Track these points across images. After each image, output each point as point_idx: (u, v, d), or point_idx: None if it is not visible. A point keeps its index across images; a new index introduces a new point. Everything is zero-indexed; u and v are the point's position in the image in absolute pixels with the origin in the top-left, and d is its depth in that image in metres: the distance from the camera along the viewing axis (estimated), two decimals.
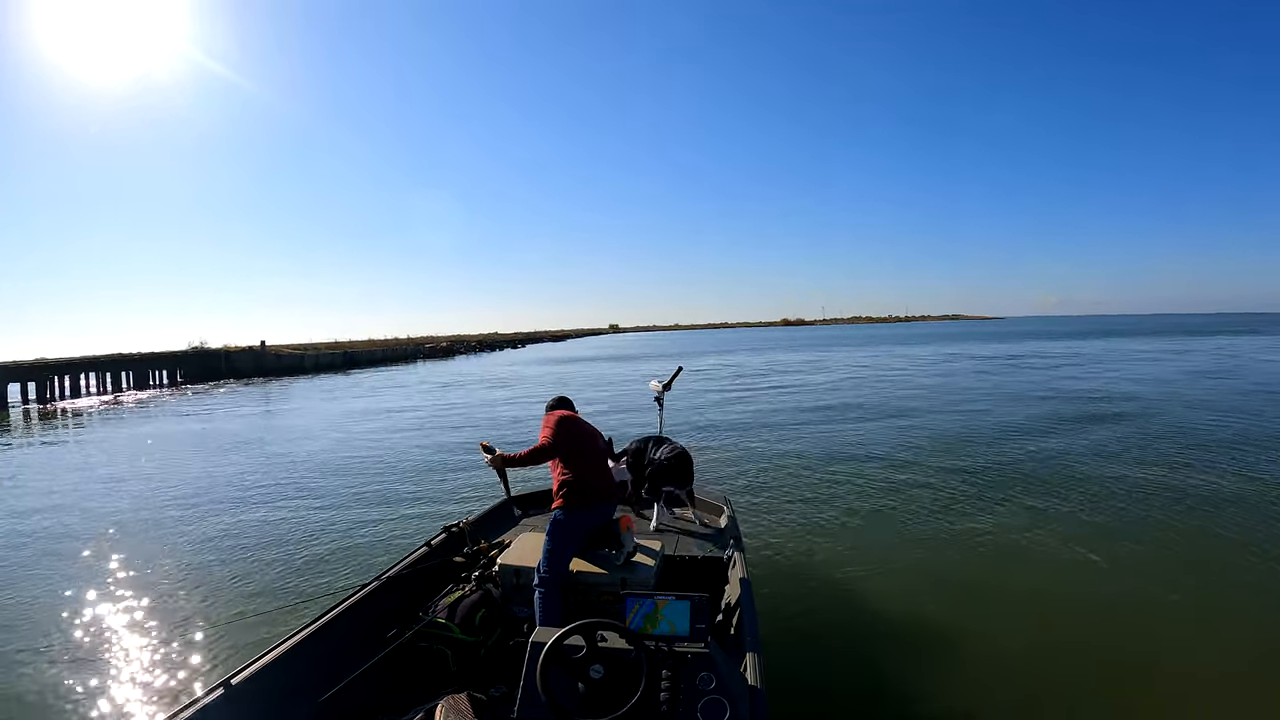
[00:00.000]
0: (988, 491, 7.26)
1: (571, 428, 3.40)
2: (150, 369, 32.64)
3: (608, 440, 3.99)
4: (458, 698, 2.39)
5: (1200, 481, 7.32)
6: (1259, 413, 11.84)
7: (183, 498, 8.25)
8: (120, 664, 4.01)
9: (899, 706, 3.39)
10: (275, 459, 10.76)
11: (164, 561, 5.83)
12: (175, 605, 4.86)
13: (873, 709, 3.41)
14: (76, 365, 28.46)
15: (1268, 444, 9.12)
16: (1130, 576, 4.92)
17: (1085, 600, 4.57)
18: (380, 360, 45.66)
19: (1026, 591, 4.76)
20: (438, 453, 10.74)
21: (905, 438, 10.62)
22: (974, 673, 3.68)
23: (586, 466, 3.32)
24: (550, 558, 3.05)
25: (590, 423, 3.63)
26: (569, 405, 3.70)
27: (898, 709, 3.38)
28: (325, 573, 5.39)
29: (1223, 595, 4.60)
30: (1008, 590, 4.81)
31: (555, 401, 3.70)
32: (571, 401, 3.76)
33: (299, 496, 8.06)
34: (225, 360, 36.99)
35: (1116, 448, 9.28)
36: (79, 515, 7.66)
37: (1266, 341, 37.03)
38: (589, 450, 3.41)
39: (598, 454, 3.48)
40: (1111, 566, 5.10)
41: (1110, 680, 3.59)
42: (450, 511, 6.59)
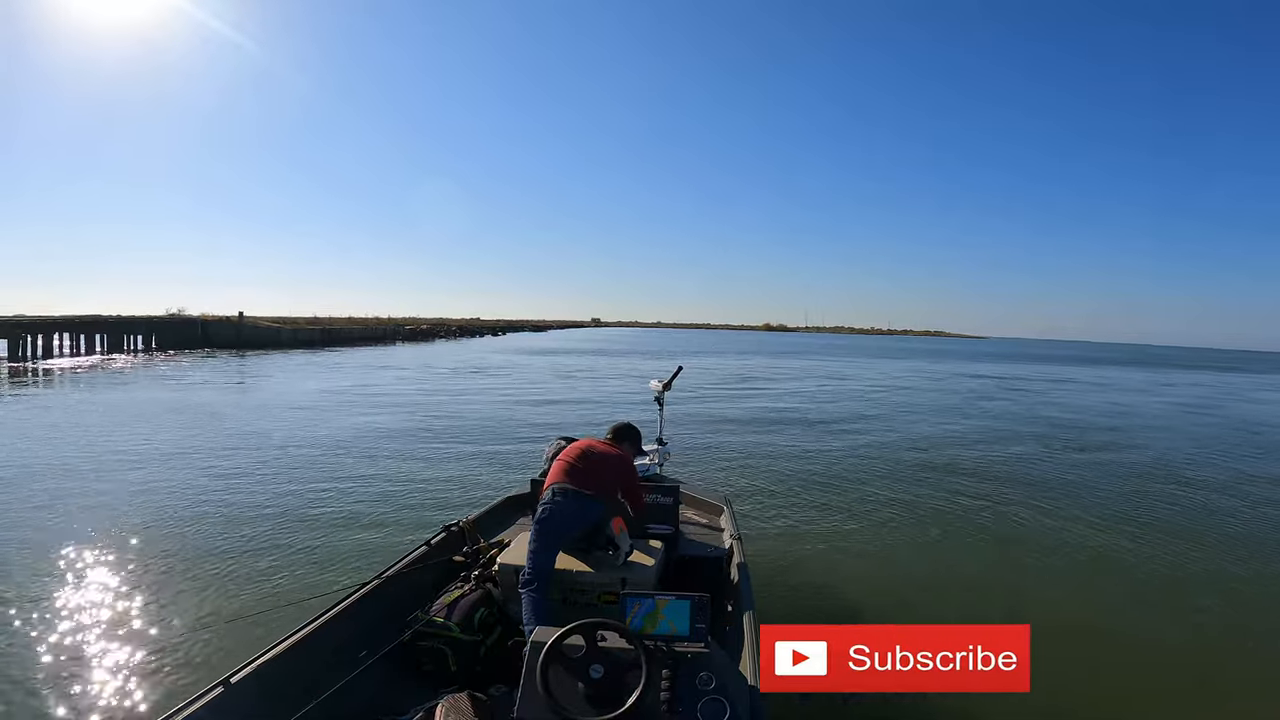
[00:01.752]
0: (990, 495, 7.49)
1: (564, 447, 3.51)
2: (125, 333, 31.92)
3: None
4: (457, 697, 2.42)
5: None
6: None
7: (163, 484, 8.01)
8: (116, 662, 3.90)
9: (899, 706, 3.49)
10: (261, 443, 10.52)
11: (156, 557, 5.62)
12: (173, 603, 4.72)
13: (872, 709, 3.51)
14: (49, 325, 27.75)
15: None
16: (1133, 580, 5.15)
17: (1087, 604, 4.73)
18: (359, 339, 45.07)
19: (1028, 594, 4.89)
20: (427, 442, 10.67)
21: (909, 443, 10.88)
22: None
23: (572, 459, 3.34)
24: (531, 558, 3.05)
25: (600, 444, 3.54)
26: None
27: (898, 709, 3.48)
28: (324, 571, 5.30)
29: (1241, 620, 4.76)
30: (1009, 592, 4.94)
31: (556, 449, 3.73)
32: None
33: (294, 488, 7.85)
34: (202, 329, 36.29)
35: (1115, 463, 9.69)
36: (54, 492, 7.43)
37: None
38: (584, 448, 3.42)
39: (579, 454, 3.39)
40: (1114, 573, 5.33)
41: (1110, 682, 3.73)
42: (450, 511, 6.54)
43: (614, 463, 3.41)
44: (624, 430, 3.74)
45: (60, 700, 3.54)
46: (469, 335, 62.48)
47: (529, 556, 3.07)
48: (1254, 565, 5.88)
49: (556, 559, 3.13)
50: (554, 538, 3.13)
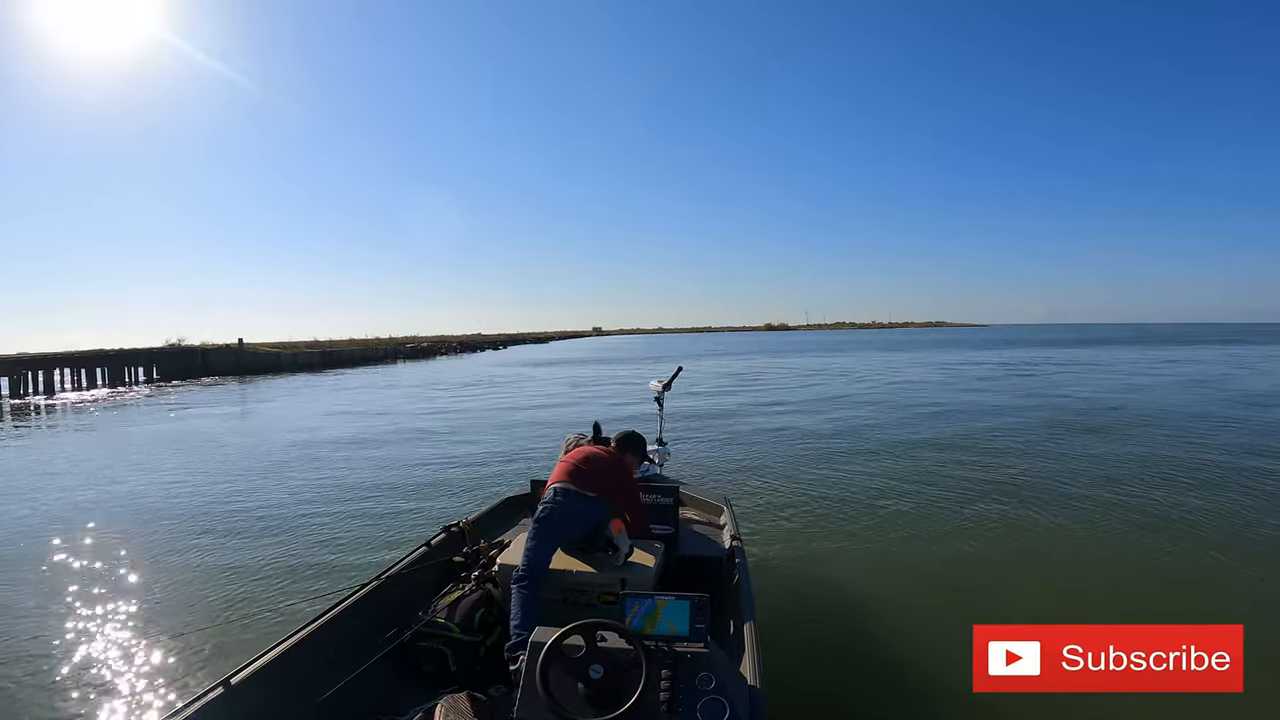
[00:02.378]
0: (991, 494, 7.35)
1: (570, 453, 3.47)
2: (126, 365, 32.03)
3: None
4: (457, 698, 2.40)
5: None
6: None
7: (171, 498, 8.09)
8: (117, 663, 3.93)
9: (899, 707, 3.45)
10: (260, 458, 10.58)
11: (160, 560, 5.71)
12: (173, 603, 4.77)
13: (872, 709, 3.46)
14: (51, 361, 27.87)
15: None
16: (1135, 586, 5.00)
17: (1090, 609, 4.62)
18: (360, 360, 45.16)
19: (1031, 597, 4.82)
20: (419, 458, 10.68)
21: (909, 443, 10.72)
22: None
23: (574, 462, 3.34)
24: (527, 555, 3.05)
25: (603, 451, 3.51)
26: (599, 436, 3.69)
27: (897, 709, 3.43)
28: (324, 572, 5.32)
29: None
30: (1011, 595, 4.88)
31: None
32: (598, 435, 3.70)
33: (291, 498, 7.92)
34: (202, 357, 36.38)
35: (1119, 451, 9.50)
36: (63, 512, 7.48)
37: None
38: (572, 456, 3.41)
39: (583, 457, 3.40)
40: (1120, 574, 5.18)
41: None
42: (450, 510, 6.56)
43: (615, 471, 3.40)
44: (627, 440, 3.69)
45: (61, 701, 3.55)
46: (470, 350, 62.65)
47: (525, 553, 3.06)
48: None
49: (554, 558, 3.12)
50: (552, 536, 3.13)
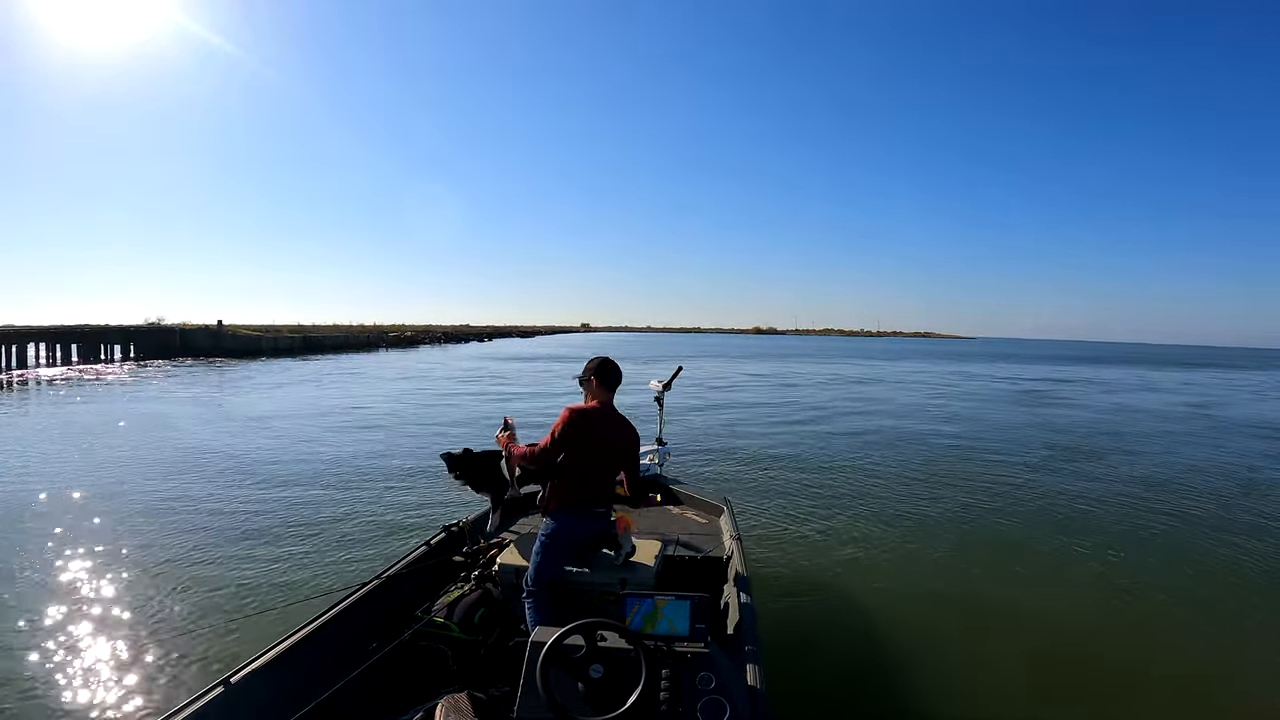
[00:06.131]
0: (990, 496, 7.51)
1: (585, 429, 3.04)
2: (102, 343, 31.40)
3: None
4: (457, 697, 2.39)
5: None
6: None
7: (160, 487, 7.87)
8: (117, 663, 3.83)
9: (898, 707, 3.47)
10: (251, 445, 10.44)
11: (156, 559, 5.51)
12: (173, 602, 4.66)
13: (872, 709, 3.49)
14: (23, 335, 27.22)
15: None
16: (1135, 586, 5.11)
17: (1090, 611, 4.71)
18: (342, 346, 44.59)
19: (1029, 597, 4.89)
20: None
21: (908, 445, 10.92)
22: (972, 675, 3.81)
23: (587, 473, 3.07)
24: (538, 571, 2.96)
25: (623, 415, 3.20)
26: (608, 376, 3.17)
27: (897, 709, 3.46)
28: (324, 571, 5.24)
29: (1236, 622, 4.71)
30: (1010, 595, 4.95)
31: (593, 369, 3.18)
32: (612, 370, 3.19)
33: (288, 490, 7.76)
34: (180, 337, 35.82)
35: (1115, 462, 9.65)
36: (48, 496, 7.32)
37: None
38: (599, 454, 3.11)
39: (611, 457, 3.16)
40: (1118, 578, 5.29)
41: (1111, 688, 3.72)
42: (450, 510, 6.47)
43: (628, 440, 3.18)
44: (601, 370, 3.19)
45: (62, 701, 3.49)
46: (455, 341, 62.17)
47: (534, 567, 3.01)
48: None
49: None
50: (561, 554, 3.07)
